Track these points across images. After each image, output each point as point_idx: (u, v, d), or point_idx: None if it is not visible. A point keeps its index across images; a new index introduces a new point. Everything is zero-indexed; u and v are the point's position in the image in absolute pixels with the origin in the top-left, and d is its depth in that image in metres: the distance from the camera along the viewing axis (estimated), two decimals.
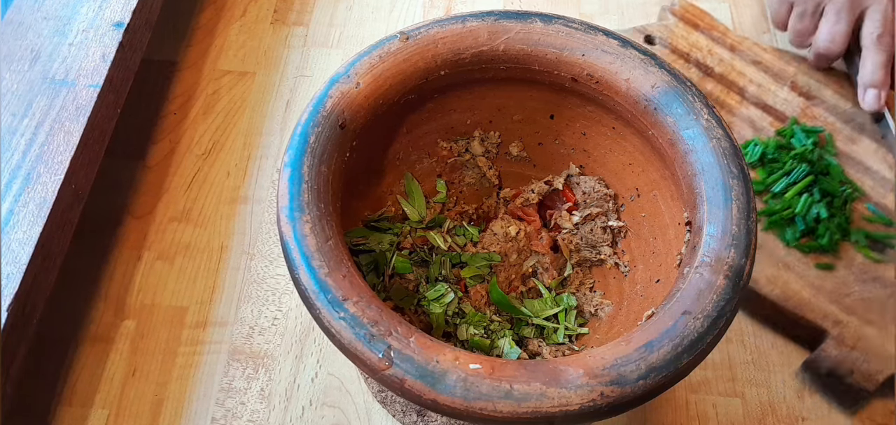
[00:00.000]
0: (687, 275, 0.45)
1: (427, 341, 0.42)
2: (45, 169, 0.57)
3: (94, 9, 0.67)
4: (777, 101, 0.75)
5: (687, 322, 0.43)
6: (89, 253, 0.67)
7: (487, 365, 0.41)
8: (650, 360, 0.41)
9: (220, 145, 0.74)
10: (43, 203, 0.55)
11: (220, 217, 0.70)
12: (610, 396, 0.40)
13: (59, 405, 0.59)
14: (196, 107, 0.77)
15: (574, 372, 0.41)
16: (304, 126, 0.49)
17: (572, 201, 0.60)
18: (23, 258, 0.53)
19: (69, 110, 0.60)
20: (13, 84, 0.61)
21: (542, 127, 0.60)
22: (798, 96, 0.76)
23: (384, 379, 0.41)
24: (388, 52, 0.53)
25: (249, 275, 0.66)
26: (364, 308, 0.42)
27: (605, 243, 0.59)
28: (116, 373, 0.61)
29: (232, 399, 0.60)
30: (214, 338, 0.63)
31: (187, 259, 0.67)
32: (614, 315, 0.56)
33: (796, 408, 0.60)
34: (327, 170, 0.49)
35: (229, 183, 0.72)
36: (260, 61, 0.81)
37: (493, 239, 0.59)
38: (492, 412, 0.40)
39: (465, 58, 0.54)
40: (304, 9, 0.86)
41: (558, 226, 0.60)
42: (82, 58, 0.64)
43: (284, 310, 0.64)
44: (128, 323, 0.63)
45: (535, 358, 0.54)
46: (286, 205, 0.46)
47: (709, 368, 0.62)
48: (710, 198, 0.47)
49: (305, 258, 0.44)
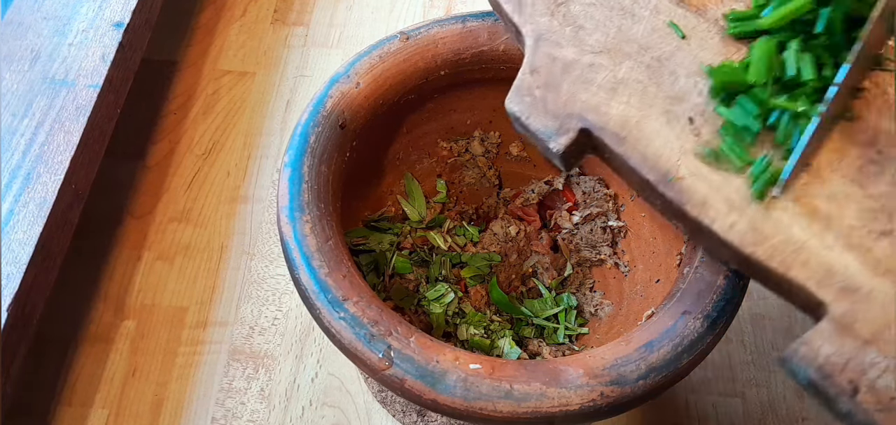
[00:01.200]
0: (687, 275, 0.45)
1: (427, 341, 0.42)
2: (45, 169, 0.57)
3: (94, 9, 0.67)
4: None
5: (687, 322, 0.43)
6: (89, 253, 0.67)
7: (487, 365, 0.41)
8: (650, 360, 0.41)
9: (220, 145, 0.74)
10: (43, 203, 0.55)
11: (220, 217, 0.70)
12: (610, 396, 0.40)
13: (59, 405, 0.59)
14: (196, 107, 0.77)
15: (574, 372, 0.41)
16: (304, 126, 0.49)
17: (572, 201, 0.60)
18: (23, 258, 0.53)
19: (69, 110, 0.60)
20: (13, 84, 0.61)
21: None
22: None
23: (384, 379, 0.41)
24: (388, 52, 0.53)
25: (249, 275, 0.66)
26: (364, 308, 0.42)
27: (605, 243, 0.59)
28: (116, 373, 0.61)
29: (232, 399, 0.60)
30: (214, 338, 0.63)
31: (187, 259, 0.67)
32: (614, 315, 0.56)
33: (796, 408, 0.60)
34: (327, 170, 0.49)
35: (229, 183, 0.72)
36: (260, 61, 0.81)
37: (493, 239, 0.59)
38: (492, 412, 0.40)
39: (465, 58, 0.54)
40: (304, 9, 0.86)
41: (558, 226, 0.60)
42: (82, 58, 0.64)
43: (284, 309, 0.64)
44: (128, 323, 0.63)
45: (535, 358, 0.54)
46: (286, 205, 0.46)
47: (709, 368, 0.62)
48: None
49: (305, 258, 0.44)
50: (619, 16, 0.45)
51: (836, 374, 0.34)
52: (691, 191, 0.38)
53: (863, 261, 0.37)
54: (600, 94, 0.42)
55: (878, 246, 0.37)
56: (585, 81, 0.42)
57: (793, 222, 0.38)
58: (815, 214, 0.38)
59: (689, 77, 0.42)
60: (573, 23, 0.45)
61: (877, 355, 0.34)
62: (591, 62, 0.43)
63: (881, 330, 0.35)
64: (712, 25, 0.44)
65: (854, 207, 0.38)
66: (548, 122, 0.41)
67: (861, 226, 0.37)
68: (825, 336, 0.35)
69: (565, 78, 0.42)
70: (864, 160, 0.39)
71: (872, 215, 0.38)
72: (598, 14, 0.45)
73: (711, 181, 0.39)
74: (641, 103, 0.41)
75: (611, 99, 0.42)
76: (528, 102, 0.42)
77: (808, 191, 0.38)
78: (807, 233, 0.37)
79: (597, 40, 0.44)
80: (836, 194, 0.38)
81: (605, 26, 0.44)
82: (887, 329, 0.35)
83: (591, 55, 0.43)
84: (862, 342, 0.35)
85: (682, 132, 0.41)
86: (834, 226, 0.37)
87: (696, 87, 0.42)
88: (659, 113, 0.41)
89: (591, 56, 0.43)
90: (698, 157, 0.40)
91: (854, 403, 0.34)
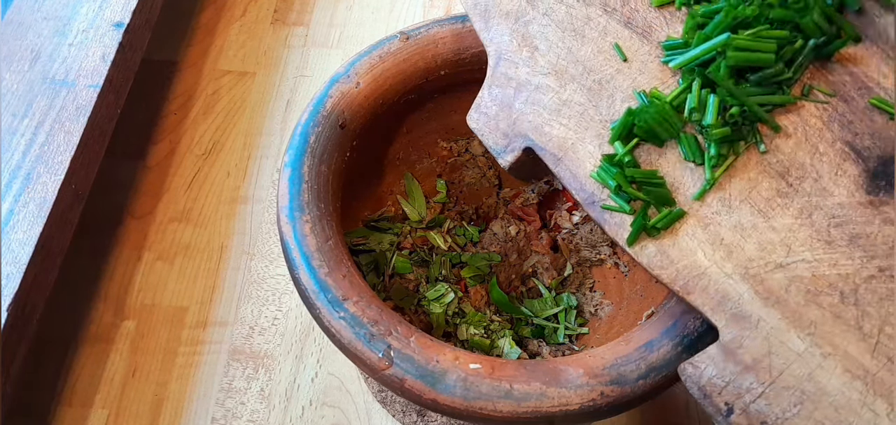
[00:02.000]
0: None
1: (427, 341, 0.42)
2: (45, 169, 0.57)
3: (94, 9, 0.67)
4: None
5: (687, 321, 0.43)
6: (89, 253, 0.67)
7: (487, 364, 0.41)
8: (650, 360, 0.41)
9: (220, 145, 0.74)
10: (43, 203, 0.55)
11: (220, 217, 0.70)
12: (610, 396, 0.40)
13: (59, 405, 0.59)
14: (196, 107, 0.77)
15: (574, 371, 0.41)
16: (304, 126, 0.49)
17: (572, 201, 0.60)
18: (23, 258, 0.53)
19: (69, 110, 0.60)
20: (13, 84, 0.62)
21: None
22: None
23: (384, 379, 0.41)
24: (388, 52, 0.53)
25: (249, 275, 0.66)
26: (364, 307, 0.42)
27: (605, 243, 0.59)
28: (116, 373, 0.61)
29: (232, 399, 0.60)
30: (214, 338, 0.63)
31: (187, 259, 0.67)
32: (614, 315, 0.56)
33: None
34: (327, 170, 0.49)
35: (229, 183, 0.72)
36: (260, 61, 0.81)
37: (493, 239, 0.59)
38: (492, 412, 0.40)
39: (465, 58, 0.54)
40: (304, 9, 0.86)
41: (558, 226, 0.60)
42: (82, 58, 0.64)
43: (284, 309, 0.64)
44: (128, 323, 0.63)
45: (535, 358, 0.54)
46: (286, 205, 0.46)
47: None
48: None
49: (305, 258, 0.44)
50: (570, 37, 0.46)
51: (715, 395, 0.37)
52: (611, 215, 0.41)
53: (756, 290, 0.38)
54: (544, 115, 0.44)
55: (772, 277, 0.38)
56: (533, 102, 0.44)
57: (698, 248, 0.40)
58: (720, 243, 0.40)
59: (624, 101, 0.43)
60: (530, 44, 0.46)
61: (754, 381, 0.37)
62: (540, 84, 0.45)
63: (761, 359, 0.37)
64: (654, 49, 0.44)
65: (756, 238, 0.39)
66: (499, 140, 0.44)
67: (759, 258, 0.39)
68: (711, 358, 0.38)
69: (517, 97, 0.45)
70: (772, 192, 0.40)
71: (772, 248, 0.39)
72: (551, 35, 0.46)
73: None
74: (578, 126, 0.43)
75: (553, 120, 0.44)
76: (484, 119, 0.45)
77: (715, 219, 0.40)
78: (709, 261, 0.39)
79: (548, 62, 0.45)
80: (742, 224, 0.40)
81: (557, 48, 0.45)
82: (766, 357, 0.37)
83: (540, 76, 0.45)
84: (743, 367, 0.37)
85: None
86: (734, 256, 0.39)
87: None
88: (593, 135, 0.43)
89: (541, 77, 0.45)
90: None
91: (727, 423, 0.37)
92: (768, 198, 0.40)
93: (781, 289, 0.38)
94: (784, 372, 0.37)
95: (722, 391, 0.37)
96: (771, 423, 0.36)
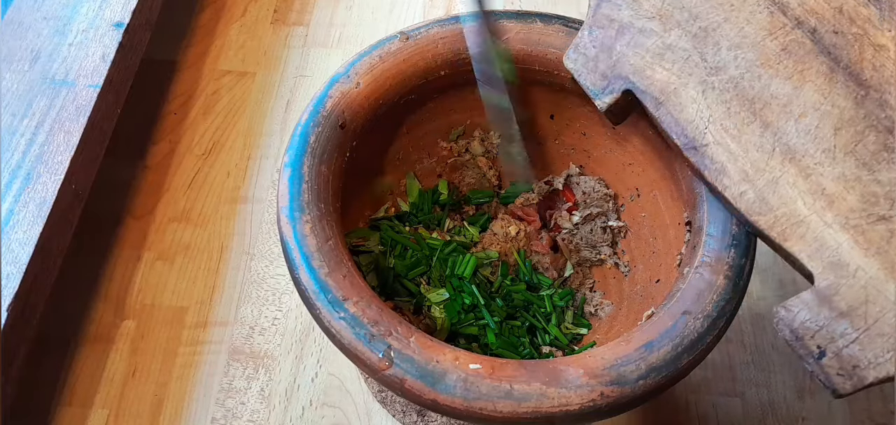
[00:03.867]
0: (687, 275, 0.45)
1: (427, 341, 0.42)
2: (45, 169, 0.57)
3: (94, 9, 0.67)
4: None
5: (687, 322, 0.43)
6: (89, 253, 0.67)
7: (487, 365, 0.41)
8: (650, 360, 0.41)
9: (220, 145, 0.74)
10: (43, 203, 0.55)
11: (220, 217, 0.70)
12: (610, 396, 0.40)
13: (59, 405, 0.59)
14: (196, 107, 0.77)
15: (574, 372, 0.41)
16: (304, 126, 0.49)
17: (572, 201, 0.60)
18: (23, 258, 0.53)
19: (69, 110, 0.60)
20: (13, 84, 0.61)
21: (543, 127, 0.60)
22: None
23: (384, 379, 0.41)
24: (388, 52, 0.53)
25: (249, 275, 0.66)
26: (364, 308, 0.42)
27: (605, 243, 0.59)
28: (116, 373, 0.61)
29: (232, 399, 0.60)
30: (214, 338, 0.63)
31: (187, 259, 0.67)
32: (614, 315, 0.56)
33: (796, 408, 0.60)
34: (327, 170, 0.49)
35: (229, 183, 0.72)
36: (260, 61, 0.81)
37: (493, 239, 0.59)
38: (492, 412, 0.40)
39: (465, 58, 0.54)
40: (304, 9, 0.86)
41: (558, 226, 0.60)
42: (82, 58, 0.64)
43: (284, 309, 0.64)
44: (128, 323, 0.63)
45: (535, 358, 0.54)
46: (286, 205, 0.46)
47: (709, 368, 0.62)
48: (711, 199, 0.47)
49: (305, 258, 0.44)
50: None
51: (807, 338, 0.39)
52: (712, 158, 0.42)
53: (856, 241, 0.39)
54: (647, 59, 0.45)
55: (873, 229, 0.39)
56: (636, 45, 0.45)
57: (798, 197, 0.41)
58: (821, 192, 0.41)
59: (729, 49, 0.44)
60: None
61: (848, 326, 0.38)
62: (643, 27, 0.45)
63: (857, 306, 0.38)
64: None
65: (859, 190, 0.40)
66: (597, 81, 0.46)
67: (861, 209, 0.40)
68: (805, 303, 0.39)
69: (618, 40, 0.46)
70: (879, 146, 0.41)
71: (875, 200, 0.40)
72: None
73: (731, 151, 0.43)
74: (682, 72, 0.44)
75: (656, 64, 0.45)
76: (582, 60, 0.46)
77: (818, 170, 0.41)
78: (809, 209, 0.40)
79: (652, 5, 0.46)
80: (845, 175, 0.41)
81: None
82: (863, 305, 0.38)
83: (644, 20, 0.46)
84: (838, 313, 0.39)
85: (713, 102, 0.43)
86: (835, 206, 0.40)
87: (735, 60, 0.44)
88: (697, 82, 0.44)
89: (645, 20, 0.46)
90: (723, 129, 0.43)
91: (819, 365, 0.38)
92: (874, 151, 0.41)
93: (883, 240, 0.39)
94: (879, 320, 0.38)
95: (815, 334, 0.38)
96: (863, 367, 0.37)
